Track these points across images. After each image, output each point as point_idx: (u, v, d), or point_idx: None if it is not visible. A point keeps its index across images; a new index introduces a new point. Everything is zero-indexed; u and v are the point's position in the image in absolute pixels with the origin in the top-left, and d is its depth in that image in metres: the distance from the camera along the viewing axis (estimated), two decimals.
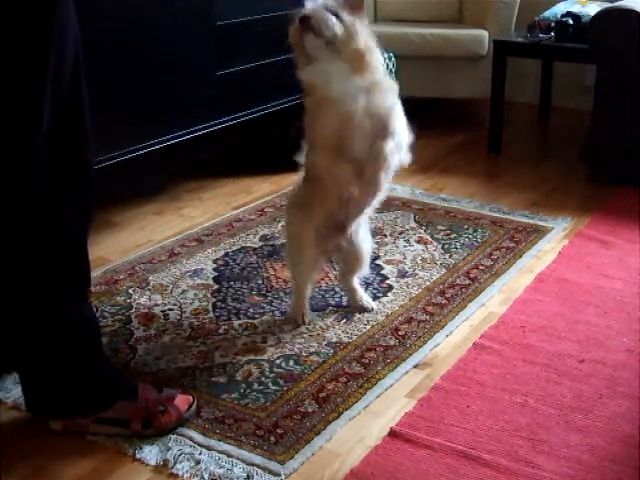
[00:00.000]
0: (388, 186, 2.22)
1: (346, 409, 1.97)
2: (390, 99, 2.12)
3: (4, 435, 1.85)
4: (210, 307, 2.44)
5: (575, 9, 3.89)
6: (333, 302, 2.48)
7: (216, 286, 2.58)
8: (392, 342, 2.25)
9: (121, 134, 2.73)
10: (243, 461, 1.78)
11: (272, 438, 1.85)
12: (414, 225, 3.08)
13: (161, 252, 2.81)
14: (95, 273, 2.60)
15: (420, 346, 2.26)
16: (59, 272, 1.69)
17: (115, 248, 2.85)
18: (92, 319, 1.83)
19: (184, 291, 2.54)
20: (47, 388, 1.82)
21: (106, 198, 2.98)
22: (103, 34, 2.59)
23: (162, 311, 2.41)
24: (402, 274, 2.67)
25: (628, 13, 3.31)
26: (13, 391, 1.99)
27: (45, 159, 1.58)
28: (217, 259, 2.76)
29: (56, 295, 1.69)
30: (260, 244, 2.90)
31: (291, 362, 2.16)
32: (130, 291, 2.53)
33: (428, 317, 2.40)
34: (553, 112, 4.67)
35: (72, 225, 1.68)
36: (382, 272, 2.68)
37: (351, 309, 2.43)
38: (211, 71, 3.08)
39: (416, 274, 2.67)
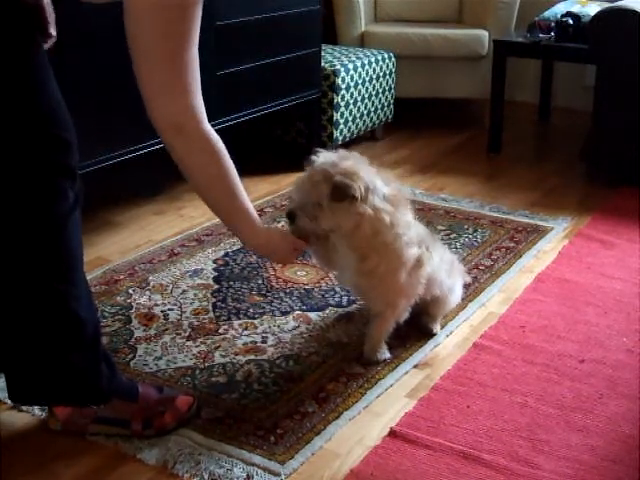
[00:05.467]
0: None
1: (346, 409, 1.97)
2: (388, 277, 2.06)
3: (4, 435, 1.85)
4: (210, 307, 2.44)
5: (575, 9, 3.89)
6: (333, 302, 2.48)
7: (216, 286, 2.57)
8: (392, 342, 2.25)
9: (121, 134, 2.73)
10: (243, 461, 1.78)
11: (272, 438, 1.85)
12: None
13: (161, 252, 2.81)
14: (95, 273, 2.60)
15: (420, 346, 2.26)
16: (54, 272, 1.69)
17: (115, 248, 2.84)
18: (90, 314, 1.82)
19: (184, 291, 2.54)
20: (37, 378, 1.79)
21: (106, 198, 2.98)
22: (102, 34, 2.58)
23: (162, 311, 2.41)
24: None
25: (628, 13, 3.31)
26: None
27: (29, 166, 1.60)
28: (217, 259, 2.76)
29: (51, 291, 1.69)
30: None
31: (291, 362, 2.16)
32: (130, 291, 2.52)
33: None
34: (553, 112, 4.68)
35: (64, 229, 1.68)
36: None
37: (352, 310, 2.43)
38: (211, 71, 3.08)
39: None
